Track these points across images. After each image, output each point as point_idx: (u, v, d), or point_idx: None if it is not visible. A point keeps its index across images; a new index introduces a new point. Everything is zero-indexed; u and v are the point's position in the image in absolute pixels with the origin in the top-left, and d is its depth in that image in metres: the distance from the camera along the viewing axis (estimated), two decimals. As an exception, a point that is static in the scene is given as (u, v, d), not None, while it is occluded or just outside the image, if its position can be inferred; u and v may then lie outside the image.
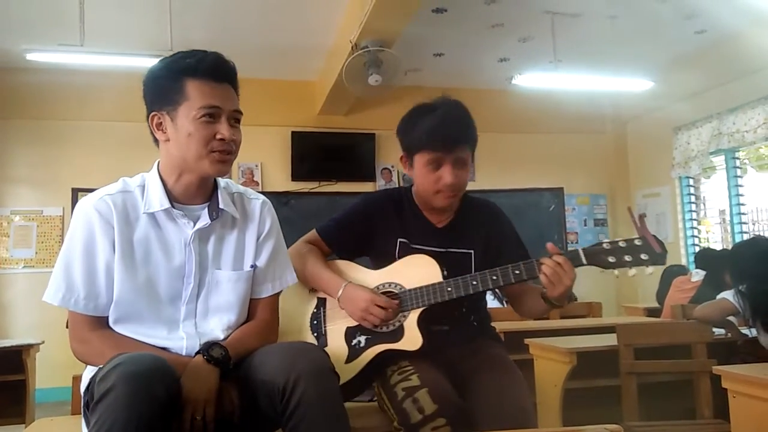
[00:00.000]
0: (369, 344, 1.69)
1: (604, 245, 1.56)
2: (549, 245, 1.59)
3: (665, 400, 2.79)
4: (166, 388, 1.15)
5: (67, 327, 1.40)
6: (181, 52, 1.43)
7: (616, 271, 1.56)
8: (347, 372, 1.66)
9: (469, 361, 1.67)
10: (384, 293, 1.71)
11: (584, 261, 1.56)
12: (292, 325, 1.84)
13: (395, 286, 1.72)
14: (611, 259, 1.54)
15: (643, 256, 1.52)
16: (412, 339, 1.63)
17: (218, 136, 1.38)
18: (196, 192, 1.45)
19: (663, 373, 2.72)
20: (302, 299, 1.85)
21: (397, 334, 1.66)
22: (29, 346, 3.82)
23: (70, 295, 1.35)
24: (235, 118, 1.43)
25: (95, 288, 1.36)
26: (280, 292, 1.56)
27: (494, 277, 1.61)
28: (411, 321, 1.65)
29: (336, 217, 1.88)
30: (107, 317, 1.38)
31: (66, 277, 1.36)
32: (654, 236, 1.51)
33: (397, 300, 1.68)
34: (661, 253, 1.51)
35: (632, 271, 1.54)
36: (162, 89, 1.40)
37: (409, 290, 1.68)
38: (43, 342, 3.99)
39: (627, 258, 1.53)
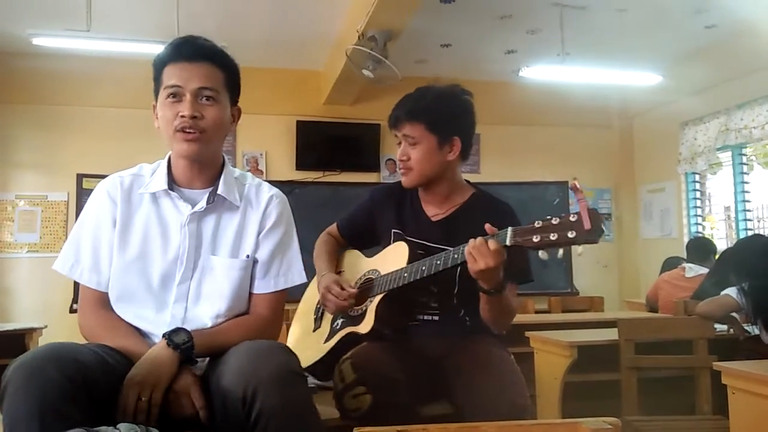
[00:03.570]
0: (342, 327, 1.76)
1: (536, 224, 1.40)
2: (486, 225, 1.47)
3: (665, 395, 2.80)
4: (61, 369, 1.12)
5: (70, 312, 1.43)
6: None
7: (541, 253, 1.41)
8: (321, 351, 1.76)
9: (457, 357, 1.66)
10: (367, 279, 1.80)
11: (507, 241, 1.42)
12: (306, 307, 1.99)
13: (374, 273, 1.79)
14: (535, 239, 1.38)
15: (570, 234, 1.33)
16: (366, 322, 1.68)
17: (179, 114, 1.39)
18: (194, 175, 1.47)
19: (663, 369, 2.72)
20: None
21: (361, 318, 1.71)
22: (32, 330, 3.83)
23: (77, 266, 1.43)
24: (204, 96, 1.41)
25: (98, 263, 1.42)
26: (285, 290, 1.51)
27: (437, 262, 1.58)
28: (372, 305, 1.69)
29: (350, 210, 2.00)
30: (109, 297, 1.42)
31: (75, 249, 1.44)
32: (592, 210, 1.32)
33: (369, 286, 1.76)
34: (590, 230, 1.30)
35: (560, 251, 1.38)
36: (154, 82, 1.47)
37: (380, 276, 1.74)
38: (46, 326, 4.01)
39: (552, 236, 1.36)
